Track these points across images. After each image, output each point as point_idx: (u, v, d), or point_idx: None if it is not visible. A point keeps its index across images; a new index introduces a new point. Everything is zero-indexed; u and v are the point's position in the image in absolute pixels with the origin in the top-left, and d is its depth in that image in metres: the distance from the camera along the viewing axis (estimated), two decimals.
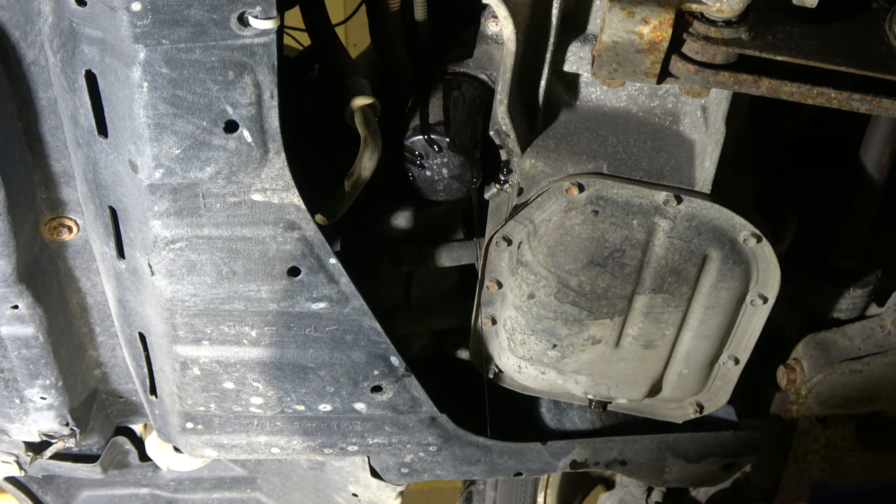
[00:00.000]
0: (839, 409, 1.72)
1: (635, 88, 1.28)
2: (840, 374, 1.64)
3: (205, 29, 1.04)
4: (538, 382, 1.52)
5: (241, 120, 1.12)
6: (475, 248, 1.48)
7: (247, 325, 1.37)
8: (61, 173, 1.31)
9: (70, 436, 1.68)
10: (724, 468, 1.77)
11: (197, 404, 1.51)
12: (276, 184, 1.19)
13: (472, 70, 1.34)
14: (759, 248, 1.29)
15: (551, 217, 1.29)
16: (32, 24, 1.14)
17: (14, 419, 1.62)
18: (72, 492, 2.07)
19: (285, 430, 1.55)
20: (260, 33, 1.05)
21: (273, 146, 1.16)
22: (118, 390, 1.71)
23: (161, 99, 1.09)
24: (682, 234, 1.27)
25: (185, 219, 1.22)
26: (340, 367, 1.43)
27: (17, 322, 1.42)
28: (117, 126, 1.14)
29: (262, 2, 1.02)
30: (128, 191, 1.21)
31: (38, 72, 1.19)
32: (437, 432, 1.58)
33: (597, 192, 1.25)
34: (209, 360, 1.42)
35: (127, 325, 1.46)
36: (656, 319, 1.37)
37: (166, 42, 1.04)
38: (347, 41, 2.98)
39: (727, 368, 1.48)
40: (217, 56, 1.06)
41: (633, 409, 1.62)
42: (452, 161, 1.35)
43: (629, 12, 1.03)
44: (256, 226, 1.24)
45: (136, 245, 1.27)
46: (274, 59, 1.08)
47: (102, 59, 1.09)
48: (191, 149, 1.14)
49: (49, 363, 1.50)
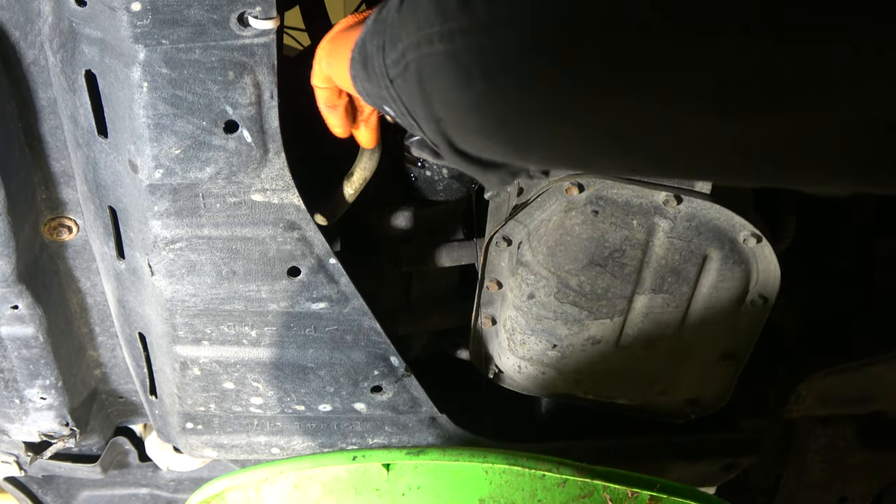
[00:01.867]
0: (839, 409, 1.72)
1: None
2: (840, 374, 1.64)
3: (205, 29, 1.04)
4: (538, 382, 1.52)
5: (240, 120, 1.12)
6: (475, 248, 1.48)
7: (247, 325, 1.37)
8: (61, 173, 1.31)
9: (70, 436, 1.68)
10: (725, 468, 1.77)
11: (197, 404, 1.51)
12: (276, 184, 1.19)
13: None
14: (759, 248, 1.29)
15: (551, 217, 1.28)
16: (32, 24, 1.14)
17: (14, 419, 1.62)
18: (72, 492, 2.07)
19: (285, 431, 1.55)
20: (260, 33, 1.05)
21: (273, 146, 1.16)
22: (118, 390, 1.71)
23: (161, 99, 1.09)
24: (682, 235, 1.27)
25: (185, 219, 1.22)
26: (340, 367, 1.43)
27: (17, 322, 1.42)
28: (117, 126, 1.14)
29: (262, 2, 1.02)
30: (128, 191, 1.21)
31: (38, 72, 1.19)
32: (437, 432, 1.58)
33: (597, 192, 1.25)
34: (209, 360, 1.42)
35: (127, 325, 1.46)
36: (656, 320, 1.37)
37: (166, 42, 1.04)
38: None
39: (727, 369, 1.48)
40: (217, 56, 1.06)
41: (633, 410, 1.62)
42: None
43: None
44: (256, 226, 1.24)
45: (136, 245, 1.27)
46: (274, 59, 1.08)
47: (102, 59, 1.09)
48: (191, 149, 1.14)
49: (49, 363, 1.50)
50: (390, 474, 0.93)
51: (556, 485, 0.91)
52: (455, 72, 0.69)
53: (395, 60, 0.77)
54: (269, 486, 1.01)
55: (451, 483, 0.92)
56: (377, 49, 0.80)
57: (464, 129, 0.74)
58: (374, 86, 0.83)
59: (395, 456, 0.93)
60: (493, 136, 0.72)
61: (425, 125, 0.79)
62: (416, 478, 0.92)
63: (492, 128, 0.71)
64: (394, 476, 0.93)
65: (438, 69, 0.71)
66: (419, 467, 0.93)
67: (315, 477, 0.97)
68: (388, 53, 0.78)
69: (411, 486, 0.92)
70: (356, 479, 0.95)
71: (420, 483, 0.92)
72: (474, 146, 0.77)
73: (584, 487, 0.91)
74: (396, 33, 0.76)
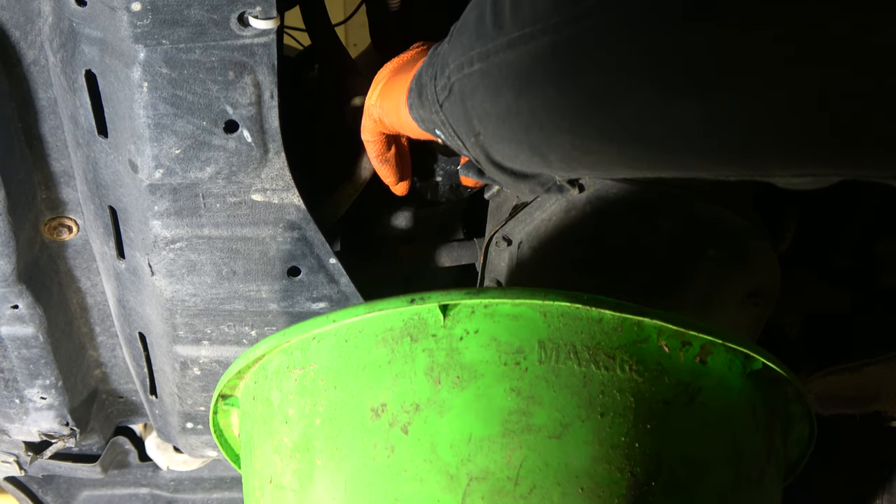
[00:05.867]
0: (839, 409, 1.72)
1: None
2: (840, 374, 1.64)
3: (205, 29, 1.04)
4: None
5: (241, 120, 1.12)
6: (475, 248, 1.48)
7: (247, 325, 1.37)
8: (61, 173, 1.31)
9: (70, 436, 1.68)
10: None
11: (197, 404, 1.51)
12: (276, 184, 1.19)
13: None
14: (759, 248, 1.29)
15: (551, 217, 1.29)
16: (32, 24, 1.14)
17: (14, 419, 1.62)
18: (72, 492, 2.07)
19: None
20: (260, 33, 1.05)
21: (273, 146, 1.16)
22: (118, 390, 1.71)
23: (161, 99, 1.09)
24: (681, 234, 1.27)
25: (185, 219, 1.22)
26: None
27: (17, 322, 1.42)
28: (117, 126, 1.14)
29: (262, 2, 1.02)
30: (128, 191, 1.21)
31: (38, 72, 1.19)
32: None
33: (597, 193, 1.25)
34: (209, 360, 1.42)
35: (127, 325, 1.46)
36: None
37: (166, 42, 1.04)
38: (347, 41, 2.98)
39: None
40: (217, 56, 1.06)
41: None
42: (453, 162, 1.35)
43: None
44: (256, 226, 1.24)
45: (136, 245, 1.27)
46: (274, 59, 1.08)
47: (102, 59, 1.09)
48: (191, 149, 1.14)
49: (49, 363, 1.50)
50: (447, 320, 0.91)
51: (614, 328, 0.90)
52: (488, 86, 0.78)
53: (444, 86, 0.87)
54: (317, 344, 0.98)
55: (509, 327, 0.90)
56: (430, 79, 0.90)
57: (496, 139, 0.83)
58: (427, 112, 0.93)
59: (454, 297, 0.91)
60: (521, 143, 0.80)
61: (467, 142, 0.88)
62: (474, 322, 0.91)
63: (520, 135, 0.79)
64: (450, 322, 0.91)
65: (476, 86, 0.80)
66: (477, 311, 0.91)
67: (367, 328, 0.94)
68: (438, 81, 0.88)
69: (469, 330, 0.91)
70: (412, 326, 0.92)
71: (478, 327, 0.91)
72: (506, 156, 0.85)
73: (641, 332, 0.91)
74: (445, 61, 0.86)
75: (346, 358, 0.95)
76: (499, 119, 0.79)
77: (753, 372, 0.99)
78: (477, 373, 0.89)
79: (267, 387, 1.03)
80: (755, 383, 1.00)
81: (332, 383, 0.95)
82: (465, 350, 0.91)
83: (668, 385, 0.91)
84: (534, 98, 0.73)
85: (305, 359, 0.98)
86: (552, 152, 0.78)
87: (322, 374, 0.96)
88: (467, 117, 0.84)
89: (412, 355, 0.92)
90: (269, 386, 1.03)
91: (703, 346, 0.94)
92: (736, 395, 0.97)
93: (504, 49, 0.74)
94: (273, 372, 1.03)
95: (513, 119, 0.77)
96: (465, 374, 0.90)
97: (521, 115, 0.76)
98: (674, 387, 0.91)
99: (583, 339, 0.90)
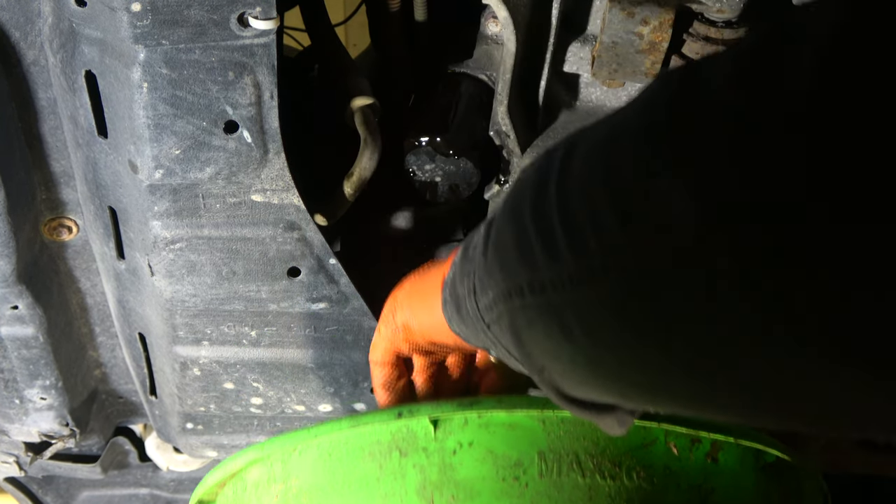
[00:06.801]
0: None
1: (635, 89, 1.28)
2: None
3: (205, 29, 1.04)
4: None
5: (241, 120, 1.12)
6: None
7: (247, 325, 1.37)
8: (61, 173, 1.31)
9: (70, 436, 1.68)
10: None
11: (197, 405, 1.51)
12: (276, 184, 1.19)
13: (472, 70, 1.34)
14: None
15: None
16: (32, 24, 1.14)
17: (14, 419, 1.62)
18: (72, 492, 2.07)
19: (285, 431, 1.55)
20: (260, 34, 1.05)
21: (273, 147, 1.16)
22: (118, 390, 1.71)
23: (161, 99, 1.08)
24: None
25: (185, 219, 1.22)
26: (340, 367, 1.43)
27: (17, 322, 1.42)
28: (117, 126, 1.14)
29: (262, 2, 1.02)
30: (128, 191, 1.21)
31: (38, 72, 1.19)
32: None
33: None
34: (209, 360, 1.42)
35: (127, 325, 1.46)
36: None
37: (166, 42, 1.04)
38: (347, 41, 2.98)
39: None
40: (217, 56, 1.06)
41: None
42: (452, 162, 1.35)
43: (629, 13, 1.03)
44: (256, 226, 1.24)
45: (136, 245, 1.27)
46: (274, 60, 1.08)
47: (102, 60, 1.09)
48: (191, 149, 1.14)
49: (49, 363, 1.50)
50: (438, 432, 0.84)
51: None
52: (550, 326, 0.65)
53: (488, 306, 0.74)
54: (298, 457, 0.90)
55: (506, 437, 0.83)
56: (468, 292, 0.78)
57: (570, 380, 0.71)
58: (471, 329, 0.79)
59: (445, 409, 0.84)
60: (599, 388, 0.69)
61: (530, 372, 0.76)
62: (467, 433, 0.84)
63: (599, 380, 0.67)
64: (442, 434, 0.84)
65: (532, 321, 0.67)
66: (470, 422, 0.84)
67: (352, 441, 0.87)
68: (479, 297, 0.75)
69: (462, 442, 0.84)
70: (400, 440, 0.85)
71: (472, 439, 0.84)
72: (585, 394, 0.73)
73: (647, 436, 0.84)
74: (485, 279, 0.73)
75: (330, 474, 0.88)
76: (572, 362, 0.66)
77: (766, 464, 0.93)
78: (473, 491, 0.83)
79: (246, 500, 0.97)
80: (768, 475, 0.93)
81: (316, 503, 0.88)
82: (459, 466, 0.83)
83: (680, 490, 0.85)
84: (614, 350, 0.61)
85: (286, 472, 0.92)
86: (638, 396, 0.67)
87: (305, 492, 0.89)
88: (524, 351, 0.71)
89: (402, 472, 0.85)
90: (249, 499, 0.96)
91: (714, 443, 0.88)
92: (750, 492, 0.90)
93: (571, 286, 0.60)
94: (252, 484, 0.96)
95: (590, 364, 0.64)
96: (461, 493, 0.83)
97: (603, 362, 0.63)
98: (685, 491, 0.85)
99: (585, 446, 0.83)
